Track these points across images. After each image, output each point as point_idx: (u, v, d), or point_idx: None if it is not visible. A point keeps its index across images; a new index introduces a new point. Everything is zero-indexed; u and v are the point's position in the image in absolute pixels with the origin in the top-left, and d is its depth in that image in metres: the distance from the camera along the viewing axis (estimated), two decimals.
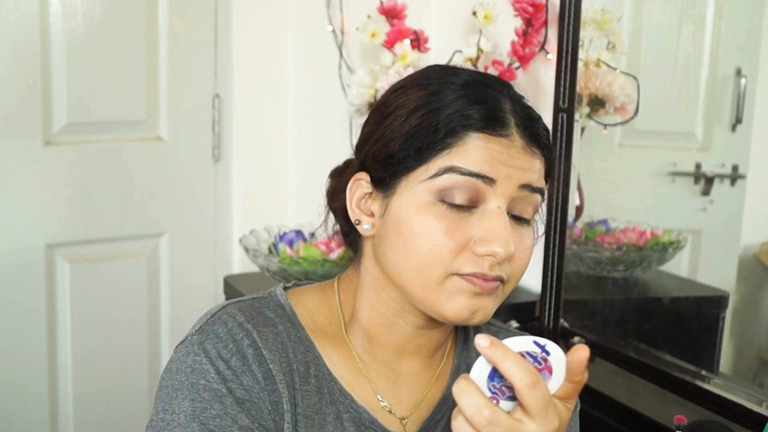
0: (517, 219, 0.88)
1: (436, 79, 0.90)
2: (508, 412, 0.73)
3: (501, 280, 0.87)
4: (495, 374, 0.73)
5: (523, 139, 0.87)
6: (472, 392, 0.72)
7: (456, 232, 0.85)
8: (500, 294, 0.89)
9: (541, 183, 0.89)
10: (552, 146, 0.92)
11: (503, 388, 0.73)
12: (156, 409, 0.87)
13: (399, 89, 0.93)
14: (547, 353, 0.74)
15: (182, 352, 0.88)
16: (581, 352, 0.74)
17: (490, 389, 0.73)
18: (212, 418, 0.83)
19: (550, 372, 0.74)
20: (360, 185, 0.92)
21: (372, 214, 0.91)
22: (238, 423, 0.84)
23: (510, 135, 0.86)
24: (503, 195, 0.85)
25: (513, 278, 0.89)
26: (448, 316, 0.86)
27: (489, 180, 0.85)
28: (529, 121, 0.88)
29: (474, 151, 0.85)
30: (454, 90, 0.88)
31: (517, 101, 0.90)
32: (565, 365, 0.75)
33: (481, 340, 0.72)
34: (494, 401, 0.72)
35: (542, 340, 0.74)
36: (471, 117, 0.86)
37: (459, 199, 0.85)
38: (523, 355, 0.73)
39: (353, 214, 0.92)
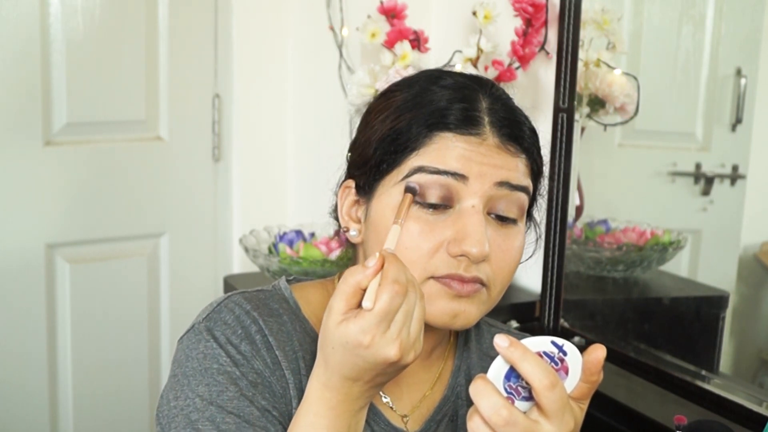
0: (502, 219, 0.87)
1: (417, 84, 0.91)
2: (524, 413, 0.73)
3: (481, 282, 0.86)
4: (512, 374, 0.73)
5: (498, 137, 0.86)
6: (489, 392, 0.72)
7: (430, 233, 0.85)
8: (484, 299, 0.87)
9: (523, 181, 0.88)
10: (539, 146, 0.92)
11: (519, 388, 0.73)
12: (166, 399, 0.86)
13: (382, 95, 0.94)
14: (564, 353, 0.74)
15: (191, 340, 0.88)
16: (598, 352, 0.74)
17: (506, 389, 0.73)
18: (229, 400, 0.83)
19: (567, 372, 0.74)
20: (349, 193, 0.93)
21: (359, 221, 0.92)
22: (255, 404, 0.84)
23: (481, 133, 0.86)
24: (477, 193, 0.85)
25: (497, 281, 0.87)
26: (428, 321, 0.86)
27: (460, 177, 0.84)
28: (507, 120, 0.88)
29: (442, 150, 0.85)
30: (431, 93, 0.88)
31: (498, 100, 0.89)
32: (581, 365, 0.75)
33: (501, 341, 0.72)
34: (510, 401, 0.72)
35: (560, 341, 0.74)
36: (439, 117, 0.86)
37: (431, 198, 0.85)
38: (540, 355, 0.73)
39: (342, 221, 0.93)
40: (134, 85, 2.14)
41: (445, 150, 0.85)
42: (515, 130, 0.88)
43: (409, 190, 0.85)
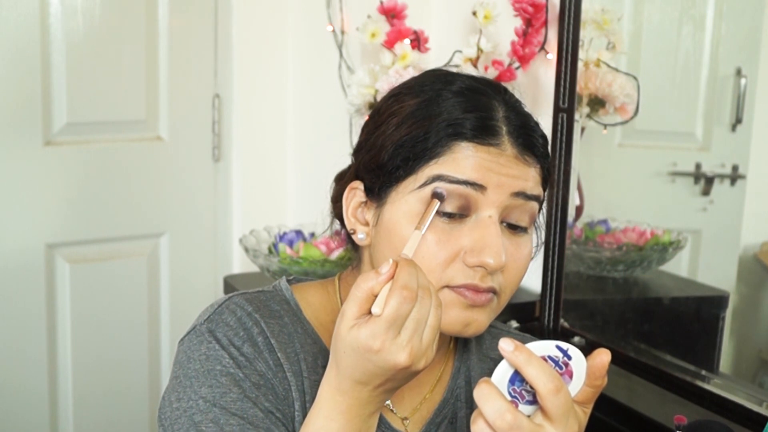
0: (513, 227, 0.87)
1: (429, 87, 0.90)
2: (528, 416, 0.73)
3: (494, 292, 0.86)
4: (516, 378, 0.73)
5: (516, 147, 0.86)
6: (494, 396, 0.72)
7: (447, 242, 0.84)
8: (494, 307, 0.88)
9: (536, 191, 0.88)
10: (549, 154, 0.91)
11: (523, 392, 0.73)
12: (168, 401, 0.86)
13: (392, 97, 0.93)
14: (569, 358, 0.74)
15: (193, 342, 0.87)
16: (603, 356, 0.74)
17: (510, 393, 0.73)
18: (232, 401, 0.83)
19: (571, 376, 0.74)
20: (355, 194, 0.92)
21: (367, 223, 0.91)
22: (259, 406, 0.84)
23: (501, 143, 0.85)
24: (495, 203, 0.85)
25: (507, 289, 0.88)
26: (440, 329, 0.85)
27: (479, 187, 0.84)
28: (523, 129, 0.87)
29: (462, 159, 0.85)
30: (445, 98, 0.88)
31: (513, 108, 0.89)
32: (586, 370, 0.75)
33: (505, 344, 0.72)
34: (514, 405, 0.72)
35: (564, 345, 0.74)
36: (459, 126, 0.85)
37: (448, 207, 0.84)
38: (545, 359, 0.73)
39: (349, 223, 0.92)
40: (134, 85, 2.14)
41: (464, 159, 0.84)
42: (531, 139, 0.88)
43: (436, 196, 0.84)
